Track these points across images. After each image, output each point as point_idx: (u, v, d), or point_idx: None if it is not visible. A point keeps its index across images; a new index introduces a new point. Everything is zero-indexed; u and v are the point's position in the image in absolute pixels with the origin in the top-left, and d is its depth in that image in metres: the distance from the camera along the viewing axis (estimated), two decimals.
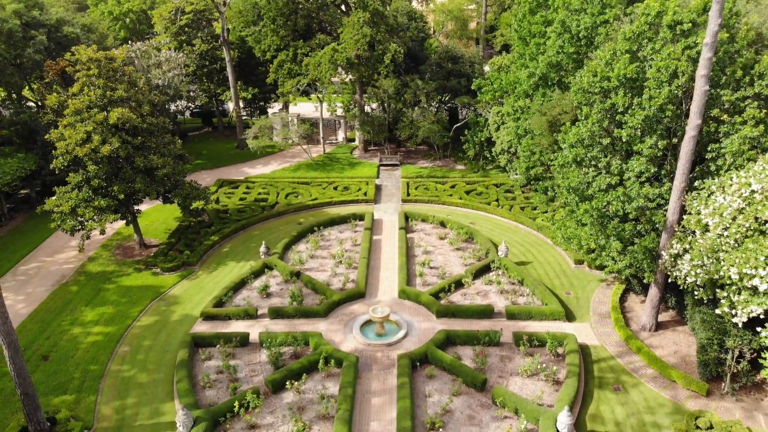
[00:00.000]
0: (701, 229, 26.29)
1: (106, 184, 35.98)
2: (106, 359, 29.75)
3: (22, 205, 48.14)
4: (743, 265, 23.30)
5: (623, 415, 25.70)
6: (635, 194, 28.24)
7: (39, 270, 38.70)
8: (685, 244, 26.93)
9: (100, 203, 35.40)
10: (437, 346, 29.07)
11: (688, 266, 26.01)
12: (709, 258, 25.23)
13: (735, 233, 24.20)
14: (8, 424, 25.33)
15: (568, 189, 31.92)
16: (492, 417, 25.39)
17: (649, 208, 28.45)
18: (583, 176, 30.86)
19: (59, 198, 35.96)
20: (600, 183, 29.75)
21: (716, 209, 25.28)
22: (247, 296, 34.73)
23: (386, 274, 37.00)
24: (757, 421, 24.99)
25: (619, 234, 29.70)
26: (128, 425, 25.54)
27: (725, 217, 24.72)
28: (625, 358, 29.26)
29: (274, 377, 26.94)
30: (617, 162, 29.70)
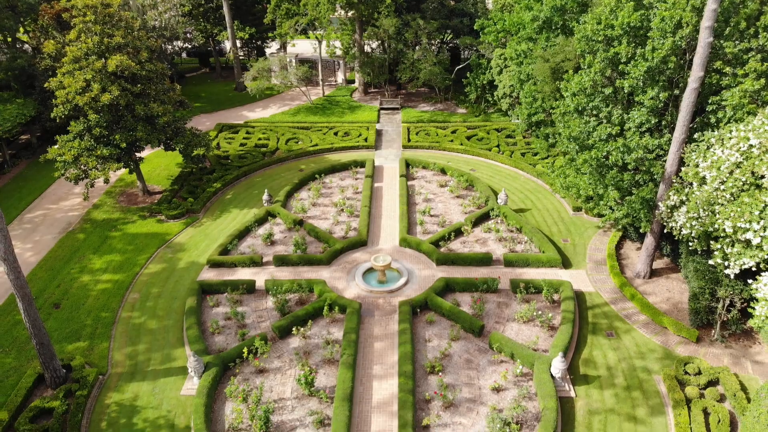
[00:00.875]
0: (698, 181, 26.68)
1: (107, 132, 36.00)
2: (116, 306, 30.75)
3: (23, 152, 48.18)
4: (738, 218, 23.85)
5: (615, 359, 26.90)
6: (635, 145, 28.48)
7: (45, 218, 39.27)
8: (681, 196, 27.38)
9: (102, 152, 35.58)
10: (437, 293, 30.03)
11: (684, 218, 26.57)
12: (704, 211, 25.75)
13: (731, 187, 24.61)
14: (25, 371, 26.49)
15: (569, 138, 32.07)
16: (489, 361, 26.59)
17: (648, 159, 28.75)
18: (584, 125, 30.98)
19: (61, 147, 36.07)
20: (601, 133, 29.92)
21: (714, 163, 25.59)
22: (251, 244, 35.46)
23: (387, 222, 37.62)
24: (744, 367, 26.18)
25: (617, 184, 30.15)
26: (141, 370, 26.75)
27: (722, 171, 25.07)
28: (618, 304, 30.29)
29: (281, 323, 27.99)
30: (618, 112, 29.76)
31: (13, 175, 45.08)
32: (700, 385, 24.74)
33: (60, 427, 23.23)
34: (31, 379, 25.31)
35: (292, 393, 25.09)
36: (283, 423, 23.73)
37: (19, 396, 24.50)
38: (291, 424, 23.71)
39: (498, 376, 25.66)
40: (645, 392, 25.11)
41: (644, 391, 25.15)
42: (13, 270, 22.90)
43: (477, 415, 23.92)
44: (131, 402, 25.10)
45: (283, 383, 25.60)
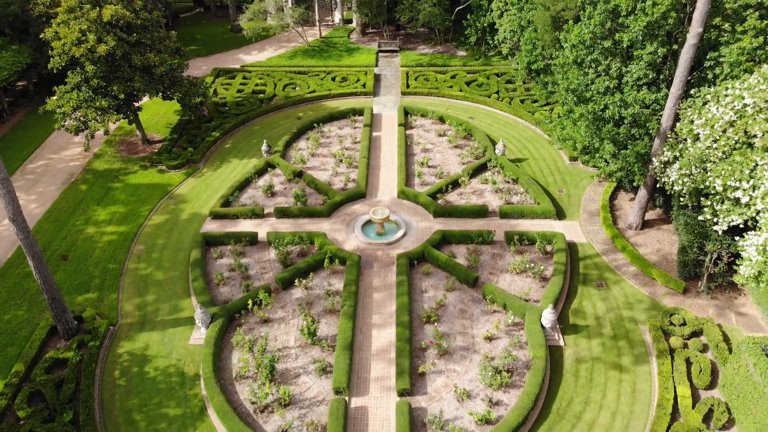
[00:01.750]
0: (692, 138, 27.02)
1: (105, 83, 35.87)
2: (123, 257, 31.69)
3: (21, 99, 47.90)
4: (728, 177, 24.36)
5: (603, 310, 28.09)
6: (632, 100, 28.62)
7: (47, 168, 39.67)
8: (675, 152, 27.78)
9: (101, 104, 35.58)
10: (433, 246, 30.92)
11: (677, 174, 27.08)
12: (696, 168, 26.24)
13: (723, 146, 24.99)
14: (37, 323, 27.67)
15: (567, 90, 32.11)
16: (482, 311, 27.77)
17: (645, 114, 28.94)
18: (582, 77, 30.99)
19: (60, 98, 36.01)
20: (599, 86, 29.97)
21: (708, 120, 25.85)
22: (252, 195, 36.06)
23: (386, 173, 38.08)
24: (728, 318, 27.36)
25: (613, 137, 30.45)
26: (150, 321, 27.96)
27: (716, 129, 25.37)
28: (609, 255, 31.24)
29: (284, 275, 28.99)
30: (617, 65, 29.71)
31: (13, 124, 45.08)
32: (684, 336, 25.99)
33: (75, 377, 24.60)
34: (44, 331, 26.52)
35: (296, 342, 26.38)
36: (288, 370, 25.11)
37: (34, 348, 25.76)
38: (295, 371, 25.09)
39: (491, 326, 26.90)
40: (631, 342, 26.41)
41: (630, 341, 26.44)
42: (23, 230, 23.59)
43: (470, 363, 25.27)
44: (142, 351, 26.41)
45: (287, 332, 26.86)
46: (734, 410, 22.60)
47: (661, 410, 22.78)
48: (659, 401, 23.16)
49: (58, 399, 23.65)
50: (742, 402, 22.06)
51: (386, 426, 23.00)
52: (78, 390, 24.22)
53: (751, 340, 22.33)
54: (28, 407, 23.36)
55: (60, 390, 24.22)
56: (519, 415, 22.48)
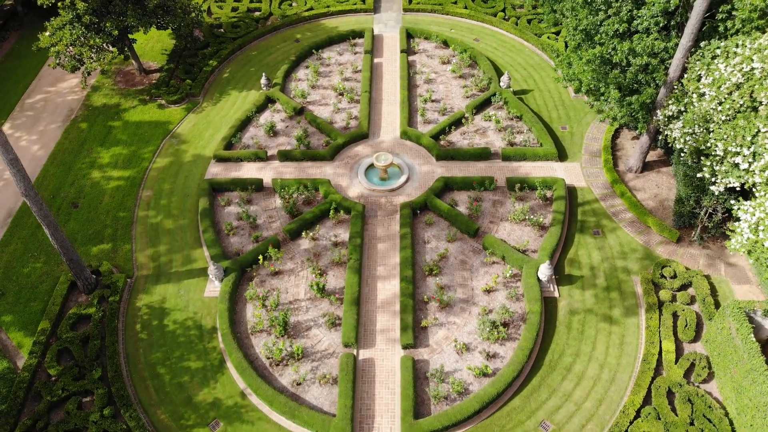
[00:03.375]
0: (698, 94, 26.68)
1: (97, 20, 34.47)
2: (132, 205, 32.39)
3: (11, 22, 45.89)
4: (730, 142, 24.46)
5: (598, 259, 29.30)
6: (641, 50, 27.81)
7: (46, 104, 39.11)
8: (680, 106, 27.53)
9: (95, 41, 34.42)
10: (436, 195, 31.51)
11: (679, 132, 27.04)
12: (699, 127, 26.19)
13: (728, 108, 24.80)
14: (56, 275, 28.96)
15: (575, 28, 31.02)
16: (482, 262, 29.00)
17: (653, 64, 28.25)
18: (592, 17, 29.84)
19: (52, 36, 34.74)
20: (608, 28, 28.95)
21: (715, 80, 25.41)
22: (254, 134, 35.98)
23: (388, 109, 37.65)
24: (717, 269, 28.60)
25: (618, 83, 29.89)
26: (165, 272, 29.26)
27: (722, 91, 25.03)
28: (608, 201, 31.91)
29: (291, 227, 29.89)
30: (628, 7, 28.49)
31: (6, 52, 43.65)
32: (674, 289, 27.40)
33: (99, 333, 26.32)
34: (65, 287, 27.87)
35: (305, 294, 27.87)
36: (299, 323, 26.82)
37: (57, 304, 27.24)
38: (306, 324, 26.80)
39: (489, 278, 28.25)
40: (622, 293, 27.88)
41: (622, 292, 27.91)
42: (36, 203, 24.14)
43: (469, 315, 26.92)
44: (160, 304, 27.97)
45: (297, 285, 28.27)
46: (715, 366, 24.48)
47: (646, 365, 24.69)
48: (644, 356, 25.02)
49: (85, 356, 25.51)
50: (722, 360, 23.87)
51: (392, 377, 25.04)
52: (103, 346, 26.03)
53: (736, 305, 23.68)
54: (58, 365, 25.28)
55: (86, 346, 26.05)
56: (514, 369, 24.43)
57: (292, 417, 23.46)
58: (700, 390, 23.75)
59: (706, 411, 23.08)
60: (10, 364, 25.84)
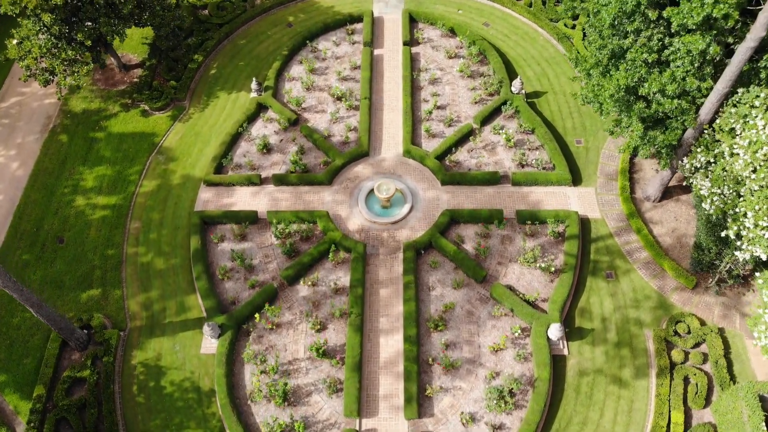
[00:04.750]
0: (729, 148, 24.30)
1: (68, 29, 31.00)
2: (120, 240, 30.69)
3: None
4: (761, 216, 22.48)
5: (610, 309, 28.08)
6: (672, 92, 24.89)
7: (21, 109, 36.14)
8: (709, 156, 25.21)
9: (67, 54, 31.13)
10: (441, 231, 29.74)
11: (706, 191, 24.84)
12: (729, 188, 24.07)
13: (763, 178, 22.58)
14: (49, 330, 27.80)
15: (599, 48, 27.85)
16: (489, 313, 27.82)
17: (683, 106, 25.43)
18: (618, 40, 26.66)
19: (20, 47, 31.35)
20: (637, 55, 25.82)
21: (751, 143, 22.97)
22: (246, 151, 33.52)
23: (390, 117, 34.83)
24: (732, 321, 27.47)
25: (642, 116, 27.23)
26: (159, 323, 28.15)
27: (758, 157, 22.70)
28: (623, 237, 30.19)
29: (288, 273, 28.42)
30: (659, 35, 25.21)
31: None
32: (687, 347, 26.43)
33: (95, 399, 25.65)
34: (56, 345, 26.85)
35: (305, 353, 26.95)
36: (299, 388, 26.11)
37: (50, 366, 26.37)
38: (306, 389, 26.10)
39: (497, 334, 27.20)
40: (634, 350, 26.94)
41: (633, 349, 26.96)
42: (16, 290, 22.62)
43: (475, 379, 26.15)
44: (155, 362, 27.12)
45: (296, 341, 27.29)
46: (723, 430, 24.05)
47: None
48: (653, 428, 24.48)
49: (84, 427, 25.00)
50: None
51: None
52: (101, 414, 25.46)
53: (751, 388, 22.81)
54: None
55: (83, 414, 25.48)
56: None
57: None
58: None
59: None
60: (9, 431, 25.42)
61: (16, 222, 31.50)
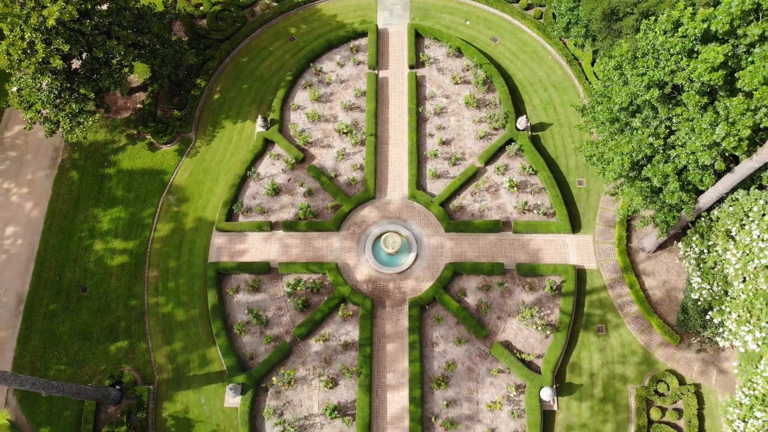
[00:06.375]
0: (723, 246, 25.51)
1: (69, 84, 30.62)
2: (140, 290, 32.42)
3: None
4: (743, 321, 24.24)
5: (599, 364, 30.51)
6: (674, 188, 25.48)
7: (26, 140, 36.29)
8: (703, 247, 26.45)
9: (71, 108, 30.98)
10: (444, 286, 31.47)
11: (696, 285, 26.33)
12: (718, 286, 25.58)
13: (750, 289, 24.05)
14: (82, 378, 30.32)
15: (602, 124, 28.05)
16: (488, 370, 30.30)
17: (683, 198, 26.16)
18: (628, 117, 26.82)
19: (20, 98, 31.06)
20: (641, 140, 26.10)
21: (744, 254, 24.18)
22: (255, 192, 34.29)
23: (395, 153, 35.17)
24: (709, 377, 29.99)
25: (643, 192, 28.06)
26: (184, 377, 30.66)
27: (748, 270, 24.03)
28: (616, 289, 31.96)
29: (301, 331, 30.52)
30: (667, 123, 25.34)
31: None
32: (665, 406, 29.20)
33: None
34: (93, 404, 29.52)
35: (319, 409, 29.73)
36: None
37: (89, 423, 29.21)
38: None
39: (495, 391, 29.83)
40: (617, 405, 29.71)
41: (616, 404, 29.72)
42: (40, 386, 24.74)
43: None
44: (184, 414, 29.95)
45: (310, 397, 29.97)
46: None
47: None
48: None
49: None
50: None
51: None
52: None
53: None
54: None
55: None
56: None
57: None
58: None
59: None
60: None
61: (38, 269, 33.04)
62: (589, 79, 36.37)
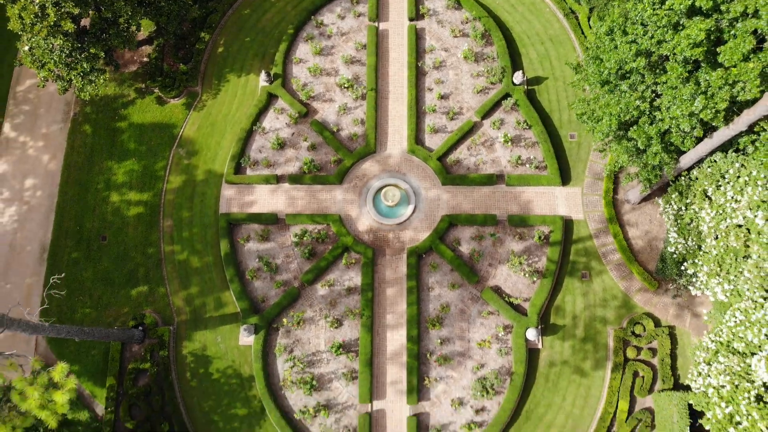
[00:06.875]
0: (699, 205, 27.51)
1: (80, 45, 31.61)
2: (156, 239, 34.67)
3: None
4: (713, 275, 26.62)
5: (581, 307, 33.21)
6: (657, 149, 27.16)
7: (38, 94, 37.49)
8: (681, 204, 28.45)
9: (83, 67, 32.09)
10: (440, 236, 33.71)
11: (673, 239, 28.51)
12: (692, 241, 27.77)
13: (722, 246, 26.25)
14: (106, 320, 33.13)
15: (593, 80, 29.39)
16: (478, 312, 33.03)
17: (664, 159, 27.88)
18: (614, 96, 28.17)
19: (33, 56, 32.07)
20: (629, 103, 27.53)
21: (718, 213, 26.20)
22: (261, 146, 35.89)
23: (395, 108, 36.52)
24: (683, 320, 32.71)
25: (628, 150, 29.74)
26: (201, 318, 33.41)
27: (721, 229, 26.13)
28: (601, 239, 34.21)
29: (308, 277, 33.05)
30: (649, 93, 26.64)
31: None
32: (640, 346, 32.09)
33: (158, 386, 31.91)
34: (118, 345, 32.41)
35: (325, 346, 32.67)
36: (322, 375, 32.26)
37: (116, 361, 32.16)
38: (328, 376, 32.26)
39: (485, 331, 32.67)
40: (596, 344, 32.62)
41: (596, 344, 32.63)
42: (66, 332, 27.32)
43: (464, 369, 32.22)
44: (202, 352, 32.92)
45: (317, 336, 32.85)
46: (657, 422, 30.72)
47: (602, 423, 30.98)
48: (602, 414, 31.13)
49: (152, 410, 31.53)
50: (662, 424, 30.03)
51: (400, 428, 31.55)
52: (164, 399, 31.84)
53: (682, 398, 28.90)
54: (132, 419, 31.44)
55: (149, 399, 31.84)
56: (497, 425, 30.83)
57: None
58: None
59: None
60: (91, 413, 32.04)
61: (59, 219, 35.17)
62: (585, 33, 37.17)
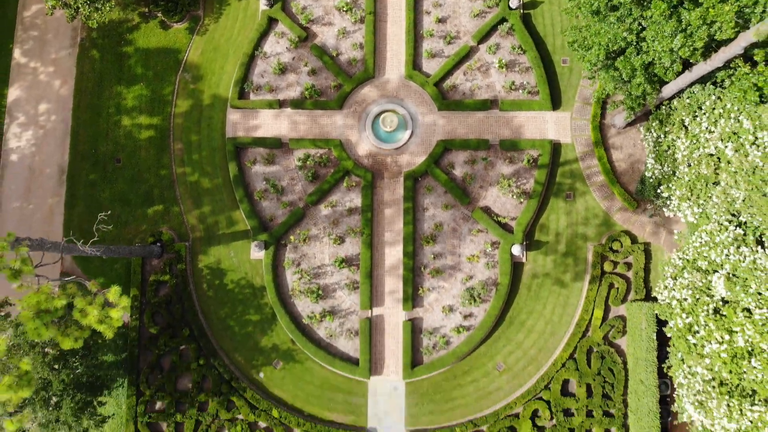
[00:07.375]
0: (676, 133, 29.48)
1: None
2: (168, 161, 36.86)
3: None
4: (684, 199, 29.09)
5: (564, 225, 35.95)
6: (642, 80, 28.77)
7: (45, 20, 38.19)
8: (661, 132, 30.40)
9: None
10: (436, 160, 35.87)
11: (650, 165, 30.66)
12: (668, 167, 29.98)
13: (694, 173, 28.50)
14: (129, 239, 36.06)
15: None
16: (469, 230, 35.85)
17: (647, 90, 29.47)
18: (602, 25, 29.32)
19: None
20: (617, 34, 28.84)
21: (692, 143, 28.23)
22: (263, 71, 37.18)
23: (393, 32, 37.40)
24: (659, 237, 35.48)
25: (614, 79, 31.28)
26: (214, 235, 36.27)
27: (694, 157, 28.26)
28: (586, 161, 36.35)
29: (312, 198, 35.57)
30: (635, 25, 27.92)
31: None
32: (617, 260, 35.13)
33: (177, 296, 35.35)
34: (139, 259, 35.47)
35: (329, 260, 35.80)
36: (327, 285, 35.63)
37: (137, 274, 35.36)
38: (332, 287, 35.64)
39: (474, 247, 35.64)
40: (576, 259, 35.66)
41: (576, 258, 35.67)
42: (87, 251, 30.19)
43: (455, 280, 35.52)
44: (217, 265, 36.09)
45: (322, 251, 35.88)
46: (628, 328, 34.31)
47: (578, 328, 34.63)
48: (578, 321, 34.72)
49: (173, 317, 35.14)
50: (632, 330, 33.69)
51: (396, 330, 35.30)
52: (184, 308, 35.35)
53: (651, 308, 32.26)
54: (155, 325, 35.08)
55: (170, 308, 35.34)
56: (483, 331, 34.58)
57: (331, 365, 34.66)
58: (611, 349, 34.31)
59: (612, 365, 34.14)
60: None
61: (74, 143, 37.17)
62: None
